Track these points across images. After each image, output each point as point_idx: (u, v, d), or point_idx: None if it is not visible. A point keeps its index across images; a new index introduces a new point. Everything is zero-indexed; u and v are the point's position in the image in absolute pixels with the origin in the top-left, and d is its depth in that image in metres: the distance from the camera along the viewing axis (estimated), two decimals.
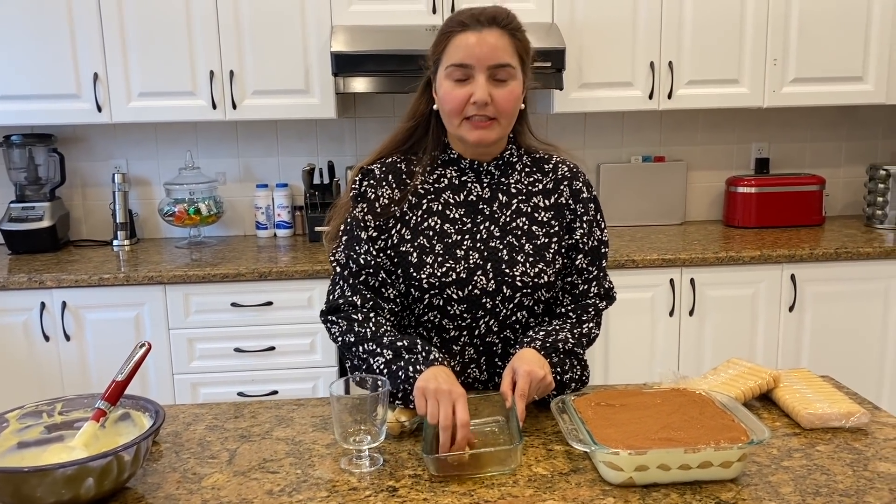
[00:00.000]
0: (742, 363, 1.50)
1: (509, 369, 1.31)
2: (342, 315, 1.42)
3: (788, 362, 2.85)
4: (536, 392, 1.30)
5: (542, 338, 1.39)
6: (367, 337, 1.37)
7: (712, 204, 3.40)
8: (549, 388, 1.32)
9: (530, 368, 1.28)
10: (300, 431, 1.34)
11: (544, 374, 1.29)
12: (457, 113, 1.39)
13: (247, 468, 1.21)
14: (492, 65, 1.36)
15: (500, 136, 1.43)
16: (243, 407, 1.46)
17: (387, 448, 1.26)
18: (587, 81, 2.93)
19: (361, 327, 1.39)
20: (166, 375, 2.70)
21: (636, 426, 1.18)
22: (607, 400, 1.28)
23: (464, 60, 1.36)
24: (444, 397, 1.20)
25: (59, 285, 2.61)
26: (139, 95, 2.82)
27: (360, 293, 1.42)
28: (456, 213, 1.45)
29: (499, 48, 1.37)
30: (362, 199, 1.47)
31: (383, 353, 1.34)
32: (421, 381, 1.24)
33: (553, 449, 1.25)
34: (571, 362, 1.41)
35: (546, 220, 1.46)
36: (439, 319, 1.45)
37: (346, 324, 1.41)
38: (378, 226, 1.45)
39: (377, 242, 1.44)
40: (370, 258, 1.43)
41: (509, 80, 1.38)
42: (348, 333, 1.40)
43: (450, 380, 1.24)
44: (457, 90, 1.37)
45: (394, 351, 1.33)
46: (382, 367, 1.33)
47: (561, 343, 1.39)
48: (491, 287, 1.42)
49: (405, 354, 1.32)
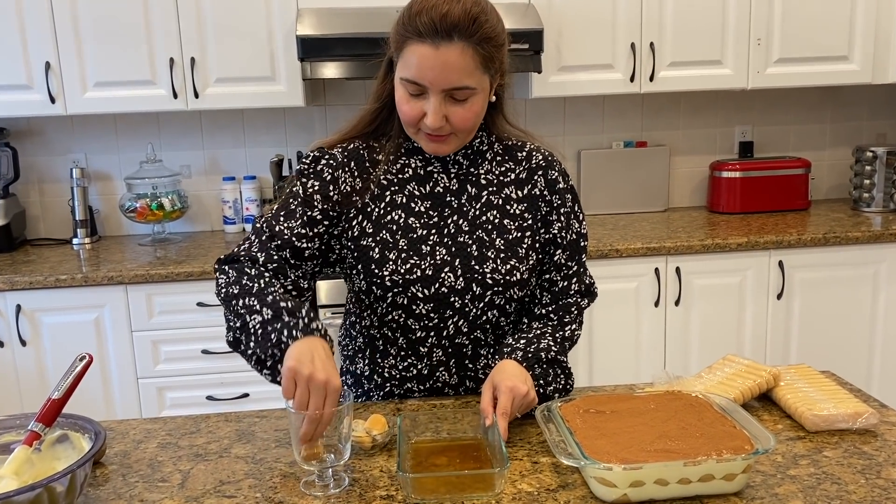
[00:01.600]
0: (739, 360, 1.40)
1: (489, 384, 1.20)
2: (235, 266, 1.29)
3: (777, 350, 2.77)
4: (519, 409, 1.19)
5: (524, 347, 1.28)
6: (251, 291, 1.22)
7: (696, 190, 3.31)
8: (532, 405, 1.21)
9: (513, 384, 1.17)
10: (262, 448, 1.22)
11: (527, 389, 1.18)
12: (411, 125, 1.27)
13: (201, 492, 1.09)
14: (447, 88, 1.22)
15: (460, 145, 1.31)
16: (201, 421, 1.33)
17: (356, 465, 1.14)
18: (566, 64, 2.81)
19: (251, 281, 1.24)
20: (130, 380, 2.57)
21: (629, 436, 1.08)
22: (597, 406, 1.17)
23: (417, 79, 1.21)
24: (316, 388, 1.06)
25: (13, 288, 2.46)
26: (95, 85, 2.67)
27: (266, 252, 1.29)
28: (421, 206, 1.33)
29: (457, 69, 1.20)
30: (315, 178, 1.34)
31: (262, 311, 1.19)
32: (293, 360, 1.08)
33: (539, 462, 1.14)
34: (555, 372, 1.31)
35: (519, 213, 1.35)
36: (404, 319, 1.33)
37: (235, 275, 1.27)
38: (325, 210, 1.32)
39: (317, 226, 1.32)
40: (294, 237, 1.30)
41: (469, 98, 1.24)
42: (233, 285, 1.25)
43: (327, 365, 1.09)
44: (410, 104, 1.24)
45: (274, 311, 1.18)
46: (258, 328, 1.19)
47: (544, 352, 1.29)
48: (459, 285, 1.31)
49: (285, 317, 1.17)
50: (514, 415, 1.19)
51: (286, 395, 1.09)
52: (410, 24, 1.21)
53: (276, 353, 1.16)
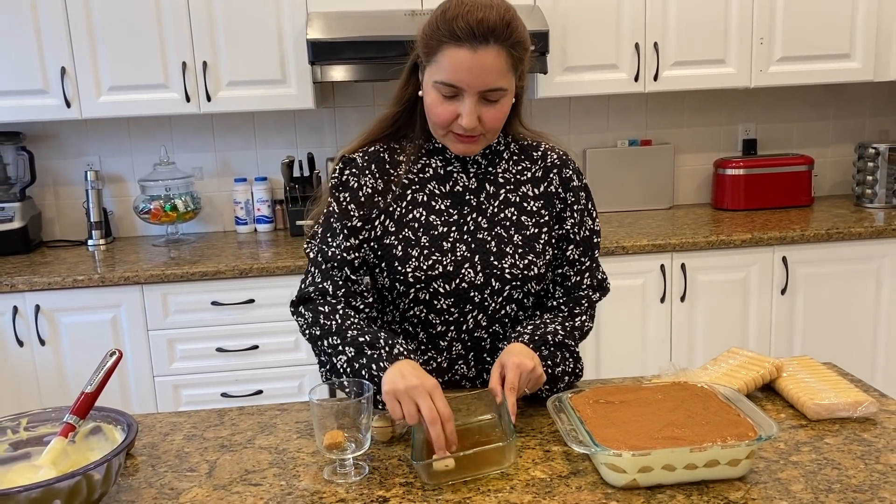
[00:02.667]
0: (742, 352, 1.44)
1: (498, 364, 1.25)
2: (310, 306, 1.35)
3: (781, 345, 2.81)
4: (527, 385, 1.24)
5: (531, 331, 1.33)
6: (331, 330, 1.30)
7: (700, 187, 3.35)
8: (540, 381, 1.26)
9: (519, 360, 1.22)
10: (284, 439, 1.27)
11: (534, 365, 1.23)
12: (442, 126, 1.32)
13: (228, 481, 1.14)
14: (483, 90, 1.27)
15: (486, 145, 1.37)
16: (224, 414, 1.38)
17: (375, 455, 1.19)
18: (571, 65, 2.86)
19: (327, 319, 1.31)
20: (146, 378, 2.62)
21: (638, 425, 1.12)
22: (606, 397, 1.22)
23: (454, 81, 1.26)
24: (417, 393, 1.13)
25: (32, 288, 2.52)
26: (109, 90, 2.72)
27: (332, 280, 1.36)
28: (442, 205, 1.38)
29: (494, 71, 1.26)
30: (344, 189, 1.40)
31: (345, 350, 1.27)
32: (388, 384, 1.16)
33: (551, 450, 1.19)
34: (563, 354, 1.35)
35: (535, 210, 1.40)
36: (425, 314, 1.38)
37: (311, 315, 1.34)
38: (362, 215, 1.38)
39: (360, 233, 1.37)
40: (344, 253, 1.36)
41: (500, 99, 1.30)
42: (314, 326, 1.33)
43: (417, 372, 1.16)
44: (443, 106, 1.29)
45: (356, 348, 1.26)
46: (345, 366, 1.26)
47: (550, 335, 1.33)
48: (479, 280, 1.35)
49: (367, 351, 1.24)
50: (522, 390, 1.23)
51: (395, 416, 1.15)
52: (446, 28, 1.25)
53: (375, 388, 1.21)
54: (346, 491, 1.09)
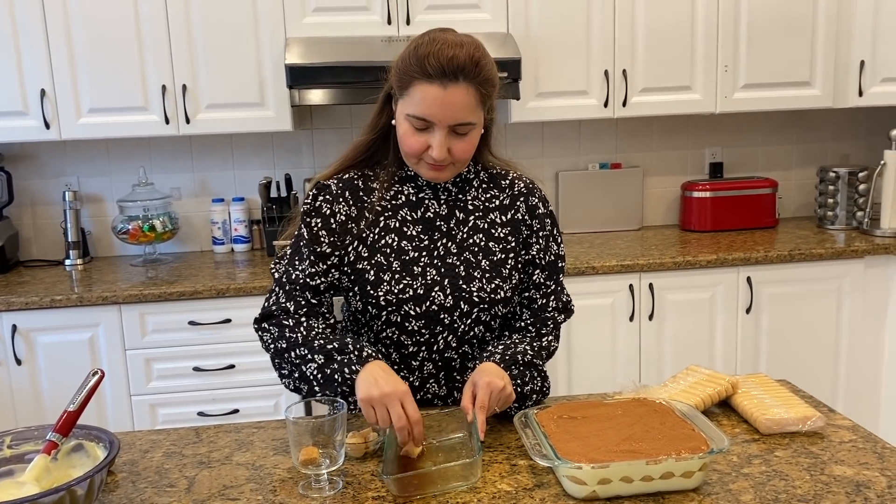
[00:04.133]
0: (701, 370, 1.51)
1: (470, 383, 1.31)
2: (273, 321, 1.42)
3: (747, 363, 2.90)
4: (497, 404, 1.30)
5: (501, 351, 1.39)
6: (297, 342, 1.37)
7: (669, 209, 3.45)
8: (509, 400, 1.31)
9: (490, 380, 1.28)
10: (261, 455, 1.32)
11: (504, 384, 1.29)
12: (413, 156, 1.39)
13: (206, 496, 1.18)
14: (452, 124, 1.34)
15: (455, 173, 1.44)
16: (202, 432, 1.43)
17: (349, 470, 1.24)
18: (543, 90, 2.95)
19: (293, 332, 1.38)
20: (123, 397, 2.64)
21: (598, 439, 1.19)
22: (569, 412, 1.28)
23: (425, 115, 1.33)
24: (390, 401, 1.22)
25: (9, 308, 2.53)
26: (89, 111, 2.76)
27: (294, 300, 1.43)
28: (413, 231, 1.44)
29: (463, 107, 1.32)
30: (317, 215, 1.45)
31: (314, 358, 1.35)
32: (362, 392, 1.24)
33: (517, 464, 1.24)
34: (531, 374, 1.42)
35: (503, 236, 1.46)
36: (397, 335, 1.44)
37: (277, 330, 1.41)
38: (332, 242, 1.44)
39: (329, 259, 1.43)
40: (307, 278, 1.42)
41: (469, 132, 1.37)
42: (280, 340, 1.40)
43: (389, 378, 1.25)
44: (415, 137, 1.36)
45: (325, 355, 1.33)
46: (316, 373, 1.34)
47: (520, 355, 1.40)
48: (448, 303, 1.41)
49: (337, 356, 1.33)
50: (492, 409, 1.29)
51: (370, 421, 1.25)
52: (418, 65, 1.32)
53: (346, 391, 1.31)
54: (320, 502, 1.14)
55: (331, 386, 1.33)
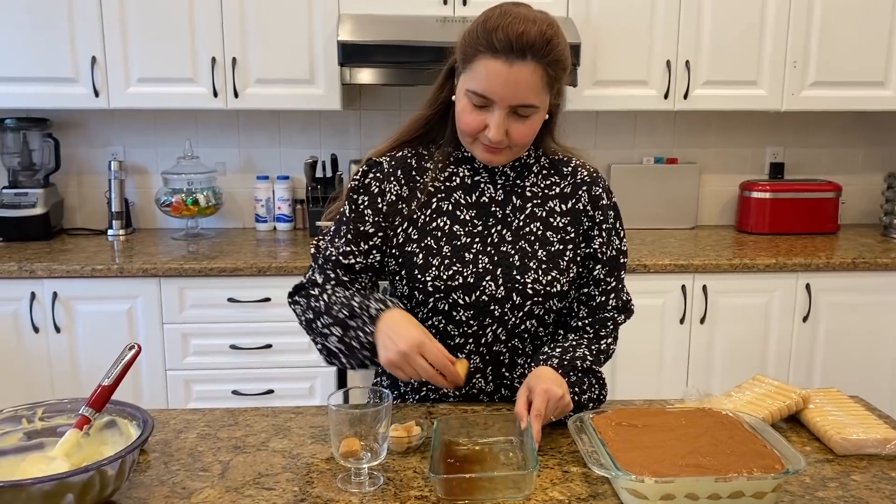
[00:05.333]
0: (768, 380, 1.41)
1: (525, 388, 1.23)
2: (303, 293, 1.39)
3: (801, 373, 2.77)
4: (554, 413, 1.22)
5: (559, 355, 1.31)
6: (321, 310, 1.32)
7: (724, 208, 3.31)
8: (567, 409, 1.23)
9: (548, 387, 1.19)
10: (298, 443, 1.25)
11: (562, 393, 1.20)
12: (469, 134, 1.31)
13: (240, 483, 1.12)
14: (514, 104, 1.25)
15: (512, 158, 1.35)
16: (238, 414, 1.37)
17: (391, 465, 1.17)
18: (601, 79, 2.84)
19: (317, 301, 1.34)
20: (159, 371, 2.61)
21: (661, 450, 1.10)
22: (629, 419, 1.19)
23: (485, 92, 1.24)
24: (410, 358, 1.18)
25: (51, 275, 2.52)
26: (138, 81, 2.73)
27: (325, 274, 1.38)
28: (466, 215, 1.36)
29: (527, 87, 1.23)
30: (364, 192, 1.39)
31: (333, 329, 1.30)
32: (383, 357, 1.21)
33: (569, 471, 1.16)
34: (590, 381, 1.33)
35: (562, 226, 1.38)
36: (444, 325, 1.36)
37: (304, 301, 1.37)
38: (377, 222, 1.37)
39: (371, 239, 1.37)
40: (341, 256, 1.37)
41: (532, 116, 1.28)
42: (308, 311, 1.36)
43: (403, 331, 1.20)
44: (472, 115, 1.28)
45: (340, 325, 1.29)
46: (339, 346, 1.31)
47: (579, 361, 1.31)
48: (500, 294, 1.33)
49: (350, 322, 1.27)
50: (548, 418, 1.21)
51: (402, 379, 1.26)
52: (485, 38, 1.23)
53: (369, 355, 1.27)
54: (360, 501, 1.07)
55: (355, 355, 1.29)
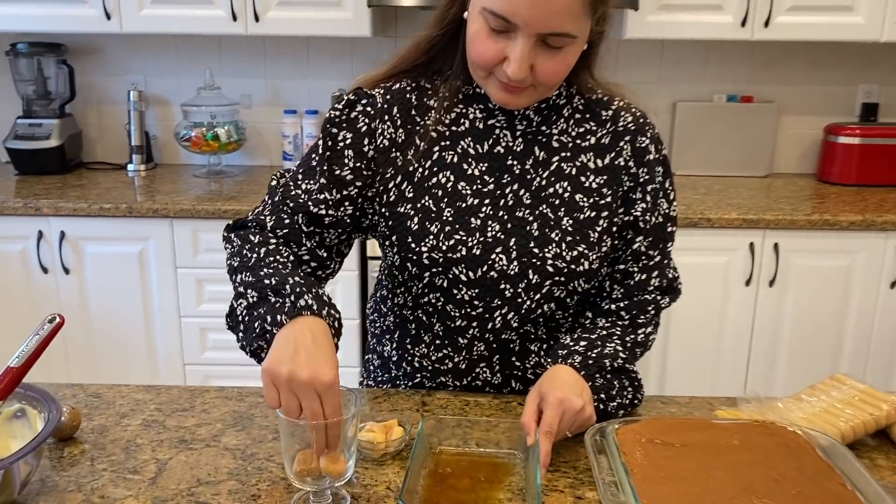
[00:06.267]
0: (851, 382, 1.12)
1: (535, 393, 0.97)
2: (241, 234, 1.09)
3: (884, 350, 2.43)
4: (570, 428, 0.96)
5: (584, 351, 1.04)
6: (247, 264, 1.02)
7: (805, 155, 2.93)
8: (587, 424, 0.98)
9: (564, 396, 0.94)
10: (256, 438, 1.03)
11: (582, 404, 0.95)
12: (482, 67, 1.01)
13: (172, 493, 0.91)
14: (543, 32, 0.95)
15: (536, 100, 1.06)
16: (198, 395, 1.16)
17: (360, 475, 0.94)
18: (668, 2, 2.47)
19: (251, 251, 1.04)
20: (172, 318, 2.46)
21: (702, 485, 0.84)
22: (663, 435, 0.93)
23: (507, 14, 0.94)
24: (304, 391, 0.85)
25: (57, 213, 2.36)
26: (152, 2, 2.49)
27: (277, 217, 1.09)
28: (476, 168, 1.09)
29: (563, 10, 0.94)
30: (349, 127, 1.11)
31: (248, 293, 0.98)
32: (269, 360, 0.88)
33: (584, 497, 0.91)
34: (621, 384, 1.06)
35: (595, 187, 1.09)
36: (443, 304, 1.11)
37: (238, 243, 1.07)
38: (357, 168, 1.10)
39: (347, 188, 1.09)
40: (310, 203, 1.08)
41: (565, 48, 0.98)
42: (235, 256, 1.06)
43: (317, 353, 0.87)
44: (488, 42, 0.98)
45: (259, 292, 0.97)
46: (244, 314, 0.99)
47: (609, 359, 1.04)
48: (512, 270, 1.07)
49: (271, 297, 0.95)
50: (562, 434, 0.96)
51: (270, 403, 0.88)
52: None
53: (263, 346, 0.96)
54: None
55: (250, 336, 0.97)
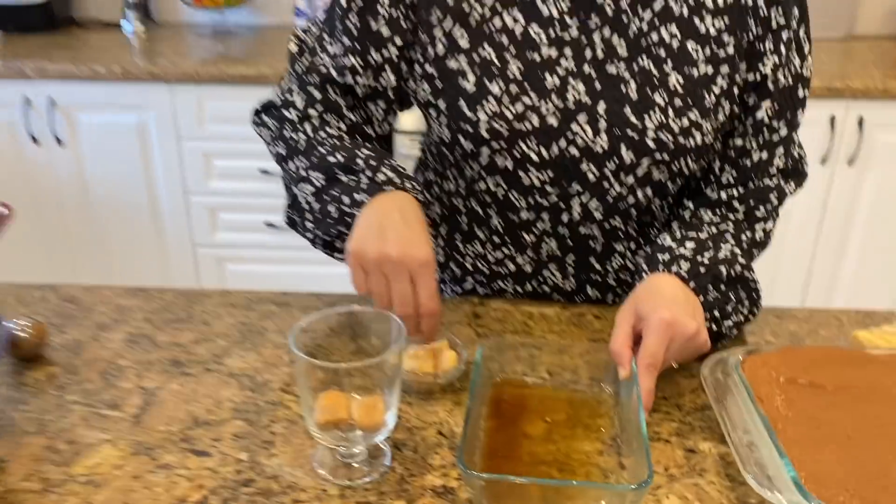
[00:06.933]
0: None
1: (629, 311, 0.74)
2: (275, 115, 0.88)
3: None
4: (678, 358, 0.73)
5: (692, 255, 0.79)
6: (298, 148, 0.85)
7: (893, 13, 2.55)
8: (699, 352, 0.75)
9: (672, 318, 0.70)
10: (270, 360, 0.82)
11: (696, 327, 0.71)
12: None
13: (160, 437, 0.70)
14: None
15: None
16: (197, 301, 0.93)
17: (403, 417, 0.73)
18: None
19: (295, 132, 0.85)
20: (178, 196, 2.22)
21: (872, 448, 0.61)
22: (808, 373, 0.70)
23: None
24: (395, 270, 0.71)
25: (43, 76, 2.08)
26: None
27: (307, 94, 0.87)
28: (554, 6, 0.81)
29: None
30: None
31: (311, 176, 0.81)
32: (356, 239, 0.74)
33: (698, 450, 0.69)
34: (738, 296, 0.82)
35: (714, 34, 0.81)
36: (505, 192, 0.86)
37: (276, 126, 0.87)
38: (395, 21, 0.83)
39: (385, 46, 0.84)
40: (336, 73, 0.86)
41: None
42: (279, 141, 0.87)
43: (408, 231, 0.73)
44: None
45: (325, 173, 0.81)
46: (313, 202, 0.82)
47: (725, 265, 0.80)
48: (600, 146, 0.81)
49: (342, 176, 0.80)
50: (666, 365, 0.73)
51: (358, 289, 0.74)
52: None
53: (344, 231, 0.79)
54: (342, 496, 0.64)
55: (326, 224, 0.81)
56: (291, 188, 0.86)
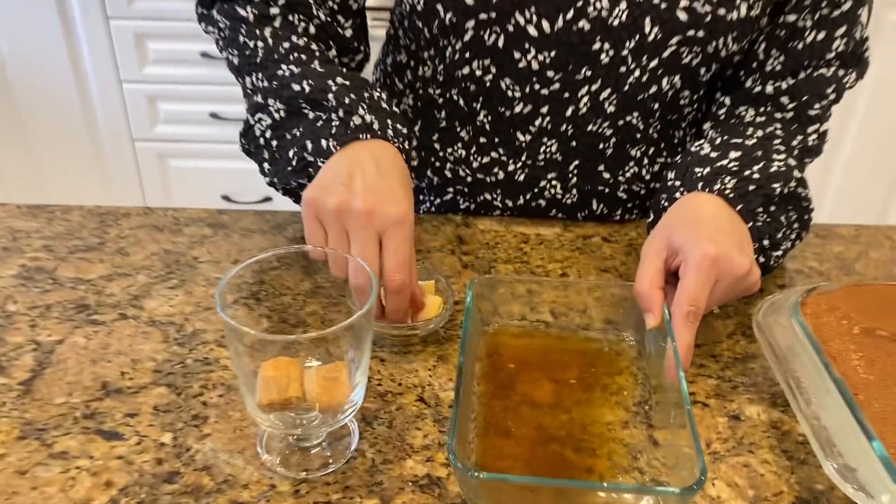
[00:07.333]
0: None
1: (659, 243, 0.58)
2: (225, 11, 0.68)
3: None
4: (721, 302, 0.59)
5: (737, 167, 0.63)
6: (254, 60, 0.66)
7: None
8: (748, 292, 0.59)
9: (718, 253, 0.55)
10: (202, 302, 0.65)
11: (748, 266, 0.56)
12: None
13: (56, 414, 0.54)
14: None
15: None
16: (111, 221, 0.75)
17: (377, 375, 0.57)
18: None
19: (251, 37, 0.66)
20: (112, 84, 1.97)
21: None
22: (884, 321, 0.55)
23: None
24: (358, 226, 0.55)
25: None
26: None
27: None
28: None
29: None
30: None
31: (269, 104, 0.64)
32: (311, 188, 0.57)
33: (744, 416, 0.55)
34: (788, 217, 0.66)
35: None
36: (495, 76, 0.68)
37: (227, 25, 0.68)
38: None
39: None
40: None
41: None
42: (232, 48, 0.68)
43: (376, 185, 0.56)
44: None
45: (286, 103, 0.63)
46: (269, 137, 0.65)
47: (779, 181, 0.63)
48: (616, 19, 0.63)
49: (307, 111, 0.63)
50: (708, 310, 0.58)
51: (310, 242, 0.58)
52: None
53: (304, 183, 0.63)
54: (294, 490, 0.49)
55: (284, 172, 0.64)
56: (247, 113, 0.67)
